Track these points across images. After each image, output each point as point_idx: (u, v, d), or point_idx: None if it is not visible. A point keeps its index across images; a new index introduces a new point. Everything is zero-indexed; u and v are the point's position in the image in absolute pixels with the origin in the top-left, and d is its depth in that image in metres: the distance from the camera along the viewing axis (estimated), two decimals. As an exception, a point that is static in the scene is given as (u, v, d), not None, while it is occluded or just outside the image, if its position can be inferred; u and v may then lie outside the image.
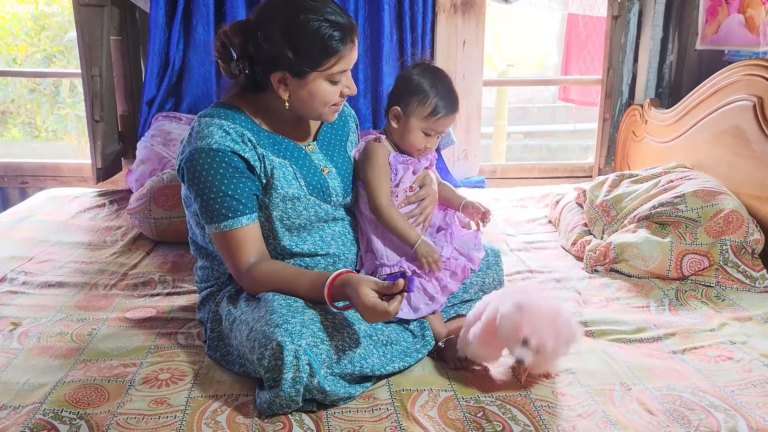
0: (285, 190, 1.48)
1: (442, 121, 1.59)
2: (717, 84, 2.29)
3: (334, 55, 1.41)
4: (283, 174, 1.49)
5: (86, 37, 2.74)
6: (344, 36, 1.41)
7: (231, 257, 1.48)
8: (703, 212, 1.99)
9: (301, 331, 1.30)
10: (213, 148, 1.42)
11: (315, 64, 1.41)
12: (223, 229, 1.44)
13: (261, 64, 1.44)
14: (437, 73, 1.61)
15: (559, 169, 3.35)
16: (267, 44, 1.40)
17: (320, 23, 1.39)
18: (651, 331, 1.67)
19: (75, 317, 1.73)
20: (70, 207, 2.68)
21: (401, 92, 1.59)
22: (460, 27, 2.94)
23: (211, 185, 1.42)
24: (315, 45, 1.39)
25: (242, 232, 1.46)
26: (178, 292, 1.92)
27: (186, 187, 1.50)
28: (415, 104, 1.57)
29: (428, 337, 1.54)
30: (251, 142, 1.46)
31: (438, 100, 1.56)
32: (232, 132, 1.45)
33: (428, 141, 1.61)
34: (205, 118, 1.47)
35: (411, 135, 1.60)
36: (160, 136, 2.70)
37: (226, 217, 1.44)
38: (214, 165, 1.42)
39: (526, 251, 2.29)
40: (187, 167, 1.45)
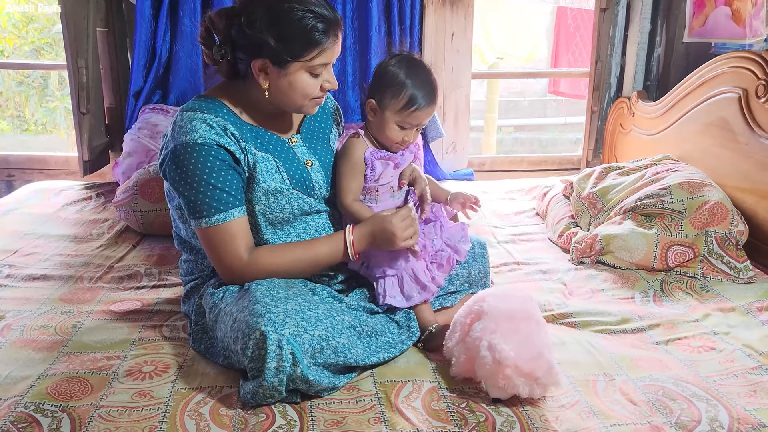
0: (267, 184, 1.48)
1: (416, 114, 1.54)
2: (703, 76, 2.29)
3: (316, 47, 1.40)
4: (265, 168, 1.48)
5: (72, 28, 2.71)
6: (328, 28, 1.40)
7: (224, 252, 1.45)
8: (688, 204, 2.00)
9: (285, 320, 1.29)
10: (198, 143, 1.41)
11: (296, 55, 1.40)
12: (214, 224, 1.42)
13: (243, 50, 1.43)
14: (414, 63, 1.56)
15: (548, 161, 3.36)
16: (250, 30, 1.39)
17: (305, 13, 1.38)
18: (635, 322, 1.68)
19: (59, 310, 1.72)
20: (57, 200, 2.67)
21: (377, 84, 1.56)
22: (448, 19, 2.93)
23: (199, 179, 1.41)
24: (298, 34, 1.38)
25: (236, 225, 1.44)
26: (163, 285, 1.91)
27: (169, 183, 1.48)
28: (389, 97, 1.53)
29: (413, 328, 1.54)
30: (234, 135, 1.45)
31: (412, 92, 1.52)
32: (215, 125, 1.44)
33: (406, 134, 1.57)
34: (187, 113, 1.46)
35: (386, 128, 1.56)
36: (147, 129, 2.68)
37: (218, 210, 1.42)
38: (201, 159, 1.41)
39: (513, 243, 2.29)
40: (172, 163, 1.43)
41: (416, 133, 1.59)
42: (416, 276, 1.56)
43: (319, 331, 1.32)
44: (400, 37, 2.85)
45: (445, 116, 3.06)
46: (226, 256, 1.45)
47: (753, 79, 2.06)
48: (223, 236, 1.44)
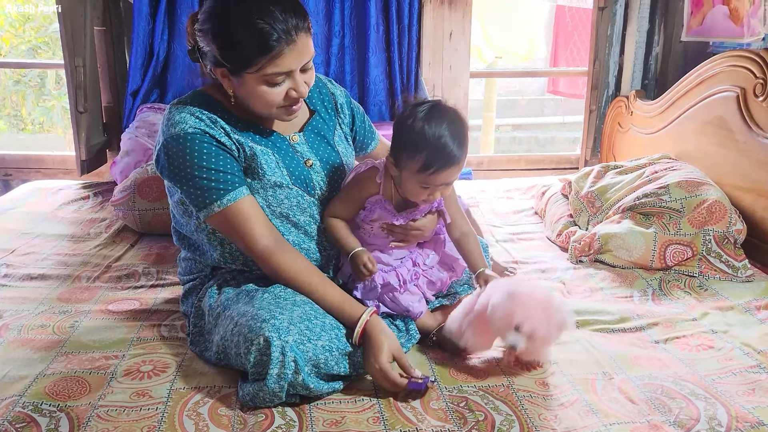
0: (269, 177, 1.46)
1: (437, 176, 1.36)
2: (701, 75, 2.29)
3: (263, 56, 1.31)
4: (266, 160, 1.46)
5: (69, 27, 2.71)
6: (278, 37, 1.30)
7: (243, 235, 1.40)
8: (686, 203, 2.00)
9: (289, 327, 1.29)
10: (188, 132, 1.39)
11: (243, 65, 1.33)
12: (226, 204, 1.39)
13: (205, 57, 1.40)
14: (440, 119, 1.35)
15: (546, 160, 3.36)
16: (202, 38, 1.37)
17: (253, 20, 1.29)
18: (634, 320, 1.68)
19: (57, 309, 1.72)
20: (54, 199, 2.66)
21: (395, 139, 1.42)
22: (446, 18, 2.93)
23: (198, 166, 1.38)
24: (243, 44, 1.31)
25: (245, 204, 1.41)
26: (162, 284, 1.91)
27: (167, 179, 1.46)
28: (405, 157, 1.38)
29: (412, 331, 1.54)
30: (224, 129, 1.43)
31: (430, 154, 1.34)
32: (204, 118, 1.42)
33: (430, 193, 1.41)
34: (176, 107, 1.44)
35: (407, 186, 1.43)
36: (145, 128, 2.68)
37: (226, 191, 1.38)
38: (195, 146, 1.38)
39: (512, 242, 2.29)
40: (165, 156, 1.41)
41: (442, 190, 1.42)
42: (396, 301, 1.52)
43: (322, 342, 1.32)
44: (398, 35, 2.85)
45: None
46: (245, 236, 1.40)
47: (751, 78, 2.06)
48: (241, 216, 1.40)
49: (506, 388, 1.37)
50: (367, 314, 1.39)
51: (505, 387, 1.37)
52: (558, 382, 1.40)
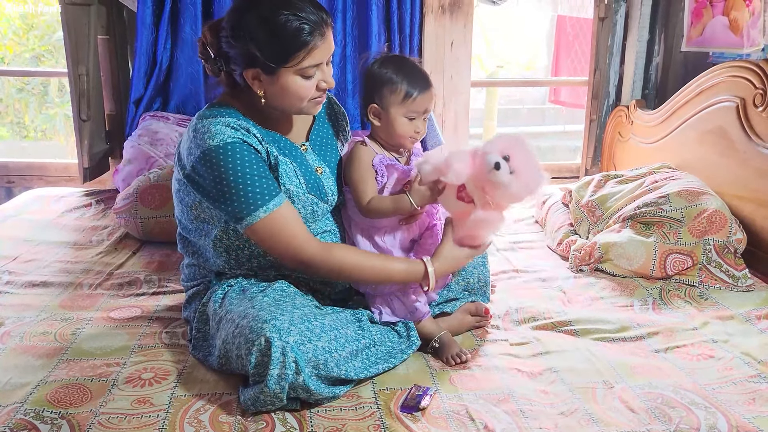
0: (287, 186, 1.48)
1: (419, 101, 1.56)
2: (701, 85, 2.30)
3: (301, 50, 1.38)
4: (285, 170, 1.49)
5: (73, 36, 2.73)
6: (312, 29, 1.38)
7: (287, 238, 1.42)
8: (687, 212, 2.01)
9: (290, 328, 1.30)
10: (228, 142, 1.40)
11: (282, 61, 1.39)
12: (272, 209, 1.40)
13: (233, 62, 1.43)
14: (397, 58, 1.61)
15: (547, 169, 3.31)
16: (235, 41, 1.40)
17: (287, 17, 1.37)
18: (634, 329, 1.69)
19: (59, 317, 1.72)
20: (57, 206, 2.67)
21: (371, 89, 1.58)
22: (448, 28, 2.94)
23: (242, 174, 1.39)
24: (281, 41, 1.37)
25: (288, 209, 1.44)
26: (163, 292, 1.91)
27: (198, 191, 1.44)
28: (388, 94, 1.55)
29: (413, 337, 1.54)
30: (256, 137, 1.46)
31: (407, 81, 1.55)
32: (237, 127, 1.44)
33: (416, 126, 1.58)
34: (207, 119, 1.45)
35: (396, 125, 1.57)
36: (148, 136, 2.69)
37: (271, 195, 1.41)
38: (237, 156, 1.39)
39: (512, 251, 2.30)
40: (204, 168, 1.41)
41: (424, 122, 1.60)
42: (405, 299, 1.56)
43: (322, 343, 1.33)
44: (399, 45, 2.87)
45: (445, 124, 3.07)
46: (293, 240, 1.43)
47: (750, 89, 2.07)
48: (285, 220, 1.42)
49: (507, 396, 1.37)
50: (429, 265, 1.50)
51: (505, 395, 1.38)
52: (558, 391, 1.40)
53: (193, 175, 1.44)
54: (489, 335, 1.67)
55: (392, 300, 1.58)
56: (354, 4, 2.83)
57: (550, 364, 1.51)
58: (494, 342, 1.64)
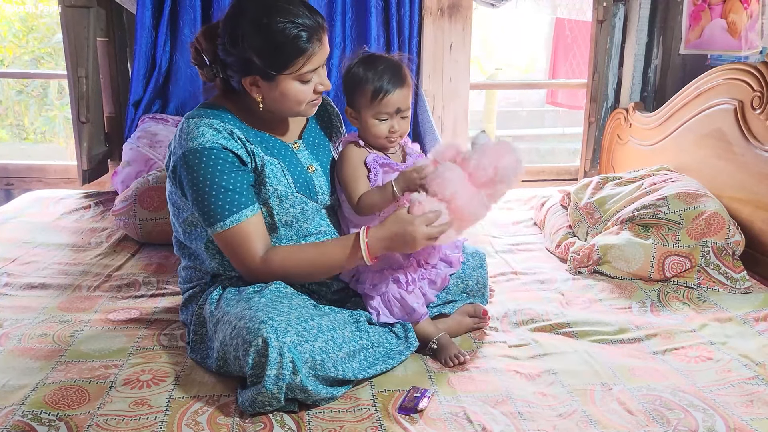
0: (274, 186, 1.49)
1: (388, 101, 1.53)
2: (700, 88, 2.31)
3: (300, 57, 1.40)
4: (272, 171, 1.49)
5: (72, 38, 2.73)
6: (310, 36, 1.40)
7: (240, 253, 1.46)
8: (685, 214, 2.01)
9: (287, 328, 1.30)
10: (206, 147, 1.42)
11: (282, 67, 1.41)
12: (229, 226, 1.43)
13: (231, 68, 1.45)
14: (370, 58, 1.58)
15: (546, 171, 3.37)
16: (233, 49, 1.41)
17: (285, 25, 1.38)
18: (633, 331, 1.69)
19: (57, 319, 1.72)
20: (56, 208, 2.67)
21: (346, 91, 1.59)
22: (446, 30, 2.95)
23: (210, 183, 1.42)
24: (280, 48, 1.39)
25: (248, 225, 1.45)
26: (162, 294, 1.91)
27: (179, 191, 1.49)
28: (357, 96, 1.56)
29: (411, 338, 1.54)
30: (241, 139, 1.47)
31: (373, 82, 1.53)
32: (222, 130, 1.45)
33: (389, 125, 1.56)
34: (193, 119, 1.47)
35: (368, 126, 1.57)
36: (147, 138, 2.69)
37: (230, 212, 1.43)
38: (211, 163, 1.42)
39: (511, 253, 2.30)
40: (183, 169, 1.44)
41: (402, 121, 1.57)
42: (403, 299, 1.56)
43: (319, 343, 1.33)
44: (398, 48, 2.87)
45: (444, 126, 3.07)
46: (244, 257, 1.46)
47: (749, 91, 2.07)
48: (239, 238, 1.45)
49: (505, 398, 1.37)
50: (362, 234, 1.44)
51: (503, 397, 1.38)
52: (557, 393, 1.40)
53: (174, 174, 1.48)
54: (487, 337, 1.67)
55: (390, 301, 1.57)
56: (353, 7, 2.83)
57: (548, 365, 1.51)
58: (492, 344, 1.64)
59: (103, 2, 2.83)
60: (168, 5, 2.72)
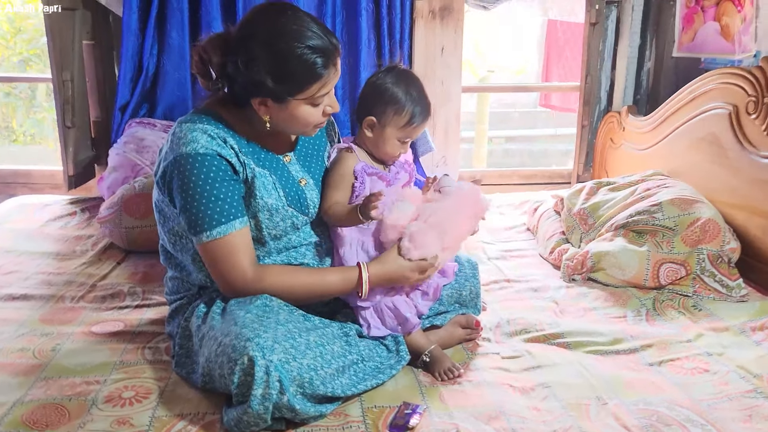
0: (265, 200, 1.45)
1: (418, 128, 1.58)
2: (694, 92, 2.28)
3: (316, 82, 1.38)
4: (263, 184, 1.46)
5: (58, 41, 2.68)
6: (327, 62, 1.38)
7: (225, 267, 1.40)
8: (680, 221, 1.98)
9: (273, 346, 1.26)
10: (200, 153, 1.38)
11: (296, 92, 1.39)
12: (216, 237, 1.38)
13: (241, 87, 1.41)
14: (409, 77, 1.58)
15: (539, 175, 3.34)
16: (246, 71, 1.37)
17: (303, 50, 1.35)
18: (628, 342, 1.66)
19: (39, 332, 1.68)
20: (41, 215, 2.61)
21: (374, 101, 1.56)
22: (438, 33, 2.91)
23: (201, 190, 1.37)
24: (296, 73, 1.37)
25: (238, 237, 1.40)
26: (147, 305, 1.87)
27: (167, 197, 1.44)
28: (391, 114, 1.54)
29: (402, 352, 1.51)
30: (234, 148, 1.43)
31: (413, 109, 1.54)
32: (216, 137, 1.41)
33: (403, 148, 1.60)
34: (186, 124, 1.43)
35: (387, 144, 1.58)
36: (134, 143, 2.64)
37: (219, 222, 1.38)
38: (204, 170, 1.38)
39: (503, 259, 2.27)
40: (173, 175, 1.39)
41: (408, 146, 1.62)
42: (396, 308, 1.53)
43: (307, 360, 1.29)
44: (389, 51, 2.83)
45: (436, 130, 3.03)
46: (229, 270, 1.41)
47: (743, 96, 2.05)
48: (226, 250, 1.40)
49: (498, 413, 1.34)
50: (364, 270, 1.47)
51: (497, 413, 1.34)
52: (551, 408, 1.37)
53: (163, 180, 1.43)
54: (480, 348, 1.64)
55: (381, 311, 1.54)
56: (343, 9, 2.79)
57: (542, 378, 1.48)
58: (485, 355, 1.61)
59: (89, 5, 2.78)
60: (155, 8, 2.67)
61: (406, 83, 1.56)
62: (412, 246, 1.49)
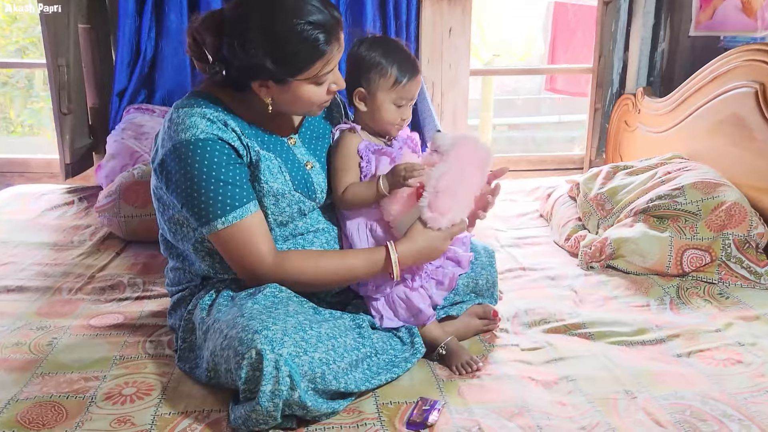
0: (270, 184, 1.37)
1: (409, 87, 1.48)
2: (715, 71, 2.19)
3: (319, 60, 1.29)
4: (268, 167, 1.37)
5: (52, 25, 2.58)
6: (329, 37, 1.29)
7: (245, 254, 1.32)
8: (703, 205, 1.90)
9: (283, 339, 1.18)
10: (201, 138, 1.29)
11: (298, 72, 1.30)
12: (232, 222, 1.30)
13: (238, 70, 1.32)
14: (385, 41, 1.51)
15: (548, 161, 3.25)
16: (243, 53, 1.28)
17: (302, 27, 1.26)
18: (653, 332, 1.58)
19: (35, 325, 1.60)
20: (37, 205, 2.53)
21: (357, 72, 1.48)
22: (446, 14, 2.82)
23: (207, 177, 1.29)
24: (298, 52, 1.28)
25: (254, 220, 1.33)
26: (148, 296, 1.79)
27: (167, 187, 1.35)
28: (377, 78, 1.46)
29: (417, 344, 1.43)
30: (235, 131, 1.34)
31: (397, 66, 1.46)
32: (215, 120, 1.33)
33: (402, 113, 1.50)
34: (183, 109, 1.34)
35: (383, 111, 1.48)
36: (132, 130, 2.55)
37: (233, 207, 1.30)
38: (207, 155, 1.29)
39: (517, 247, 2.18)
40: (173, 163, 1.31)
41: (410, 109, 1.53)
42: (409, 299, 1.45)
43: (319, 354, 1.21)
44: (395, 33, 2.74)
45: (443, 115, 2.95)
46: (248, 257, 1.33)
47: (769, 73, 1.95)
48: (243, 235, 1.32)
49: (521, 409, 1.26)
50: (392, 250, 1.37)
51: (519, 408, 1.26)
52: (577, 402, 1.29)
53: (162, 168, 1.34)
54: (498, 340, 1.56)
55: (395, 302, 1.46)
56: (348, -11, 2.70)
57: (565, 371, 1.40)
58: (504, 347, 1.53)
59: (84, -14, 2.68)
60: (152, -11, 2.58)
61: (383, 46, 1.49)
62: (437, 215, 1.39)
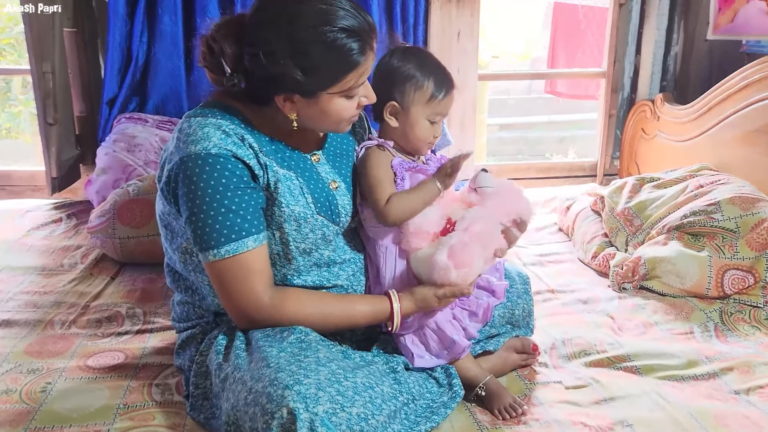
0: (291, 207, 1.22)
1: (445, 102, 1.37)
2: (748, 77, 2.08)
3: (352, 71, 1.17)
4: (288, 188, 1.23)
5: (36, 29, 2.40)
6: (363, 46, 1.17)
7: (238, 291, 1.19)
8: (742, 222, 1.79)
9: (317, 394, 1.04)
10: (211, 153, 1.16)
11: (329, 84, 1.17)
12: (224, 256, 1.16)
13: (261, 82, 1.18)
14: (419, 52, 1.40)
15: (557, 168, 3.14)
16: (270, 64, 1.14)
17: (334, 35, 1.13)
18: (704, 365, 1.46)
19: (25, 367, 1.44)
20: (21, 223, 2.36)
21: (389, 84, 1.35)
22: (454, 17, 2.69)
23: (210, 200, 1.15)
24: (329, 63, 1.15)
25: (251, 257, 1.18)
26: (150, 329, 1.63)
27: (175, 208, 1.22)
28: (412, 91, 1.34)
29: (456, 386, 1.30)
30: (253, 147, 1.20)
31: (434, 79, 1.34)
32: (231, 133, 1.19)
33: (434, 130, 1.39)
34: (196, 118, 1.20)
35: (416, 127, 1.35)
36: (124, 141, 2.39)
37: (228, 239, 1.16)
38: (215, 174, 1.16)
39: (540, 265, 2.06)
40: (179, 179, 1.17)
41: (440, 126, 1.41)
42: (441, 330, 1.32)
43: (357, 408, 1.07)
44: (403, 36, 2.61)
45: (451, 121, 2.82)
46: (240, 296, 1.19)
47: (808, 81, 1.85)
48: (236, 272, 1.18)
49: (578, 462, 1.13)
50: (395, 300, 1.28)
51: (576, 461, 1.14)
52: (639, 453, 1.17)
53: (168, 186, 1.20)
54: (538, 376, 1.44)
55: (425, 335, 1.33)
56: (352, -9, 2.56)
57: (619, 414, 1.28)
58: (546, 385, 1.40)
59: (70, -12, 2.51)
60: (144, -10, 2.42)
61: (417, 57, 1.38)
62: (451, 266, 1.25)
